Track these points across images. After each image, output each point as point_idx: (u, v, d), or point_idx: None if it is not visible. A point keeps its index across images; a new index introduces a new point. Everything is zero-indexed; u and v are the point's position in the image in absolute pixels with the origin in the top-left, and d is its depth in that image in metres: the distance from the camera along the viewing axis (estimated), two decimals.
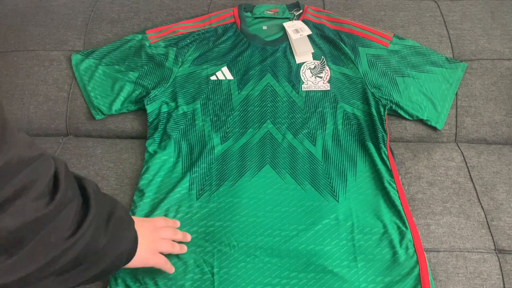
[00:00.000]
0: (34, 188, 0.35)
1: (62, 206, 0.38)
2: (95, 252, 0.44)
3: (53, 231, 0.37)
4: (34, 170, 0.35)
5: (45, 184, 0.36)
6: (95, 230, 0.43)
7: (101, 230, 0.45)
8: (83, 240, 0.41)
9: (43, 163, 0.37)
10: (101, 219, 0.45)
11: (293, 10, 0.94)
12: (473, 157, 0.80)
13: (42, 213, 0.35)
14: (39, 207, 0.35)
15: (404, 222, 0.68)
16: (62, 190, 0.38)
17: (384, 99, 0.82)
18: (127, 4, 1.01)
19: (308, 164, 0.75)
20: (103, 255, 0.46)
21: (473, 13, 0.95)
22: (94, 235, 0.43)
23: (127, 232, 0.52)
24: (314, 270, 0.63)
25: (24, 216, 0.34)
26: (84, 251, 0.42)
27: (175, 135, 0.79)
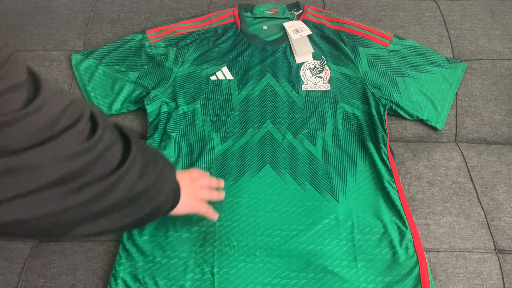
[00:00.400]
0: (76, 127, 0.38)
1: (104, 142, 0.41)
2: (143, 190, 0.46)
3: (100, 166, 0.40)
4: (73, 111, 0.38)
5: (85, 123, 0.39)
6: (141, 167, 0.46)
7: (146, 168, 0.47)
8: (130, 175, 0.43)
9: (80, 105, 0.40)
10: (144, 157, 0.47)
11: (293, 10, 0.94)
12: (473, 157, 0.80)
13: (87, 145, 0.38)
14: (84, 140, 0.38)
15: (404, 222, 0.68)
16: (101, 129, 0.40)
17: (384, 99, 0.82)
18: (127, 4, 1.01)
19: (308, 164, 0.75)
20: (150, 193, 0.48)
21: (473, 13, 0.96)
22: (140, 172, 0.45)
23: (170, 173, 0.55)
24: (314, 270, 0.63)
25: (72, 147, 0.37)
26: (132, 188, 0.44)
27: (175, 135, 0.79)
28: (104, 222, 0.43)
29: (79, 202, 0.38)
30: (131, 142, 0.45)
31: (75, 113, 0.39)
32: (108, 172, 0.41)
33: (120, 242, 0.68)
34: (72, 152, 0.37)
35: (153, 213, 0.51)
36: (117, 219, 0.45)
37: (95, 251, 0.69)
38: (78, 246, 0.70)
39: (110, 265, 0.67)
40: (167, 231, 0.68)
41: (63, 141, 0.36)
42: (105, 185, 0.40)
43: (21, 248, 0.71)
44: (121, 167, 0.42)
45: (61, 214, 0.37)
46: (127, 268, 0.65)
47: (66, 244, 0.71)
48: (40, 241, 0.72)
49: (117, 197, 0.42)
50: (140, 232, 0.68)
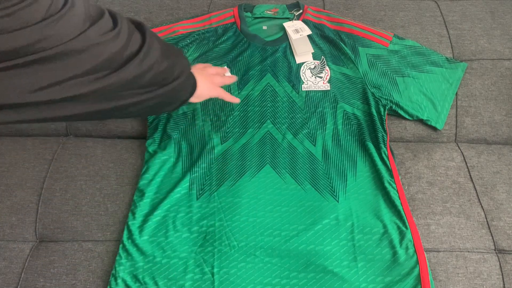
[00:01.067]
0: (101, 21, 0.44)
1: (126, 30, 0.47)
2: (163, 72, 0.54)
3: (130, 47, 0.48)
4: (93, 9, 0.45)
5: (108, 17, 0.46)
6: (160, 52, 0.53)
7: (165, 50, 0.55)
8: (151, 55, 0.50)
9: (96, 5, 0.46)
10: (162, 47, 0.54)
11: (293, 10, 0.94)
12: (473, 157, 0.80)
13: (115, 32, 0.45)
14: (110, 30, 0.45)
15: (404, 222, 0.68)
16: (120, 20, 0.47)
17: (384, 99, 0.82)
18: (127, 4, 1.01)
19: (308, 164, 0.75)
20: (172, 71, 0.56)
21: (473, 13, 0.95)
22: (160, 56, 0.53)
23: (183, 59, 0.62)
24: (314, 270, 0.63)
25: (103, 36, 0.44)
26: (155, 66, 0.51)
27: (175, 135, 0.79)
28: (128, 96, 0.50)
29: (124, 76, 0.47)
30: (145, 31, 0.52)
31: (95, 11, 0.45)
32: (135, 52, 0.48)
33: (120, 242, 0.68)
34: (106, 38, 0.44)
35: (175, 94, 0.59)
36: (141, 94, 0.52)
37: (95, 251, 0.69)
38: (78, 246, 0.70)
39: (110, 265, 0.67)
40: (167, 231, 0.68)
41: (95, 30, 0.43)
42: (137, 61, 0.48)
43: (21, 248, 0.71)
44: (143, 46, 0.49)
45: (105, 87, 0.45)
46: (127, 268, 0.65)
47: (66, 244, 0.71)
48: (40, 241, 0.73)
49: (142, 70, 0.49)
50: (140, 232, 0.68)
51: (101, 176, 0.78)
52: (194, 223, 0.68)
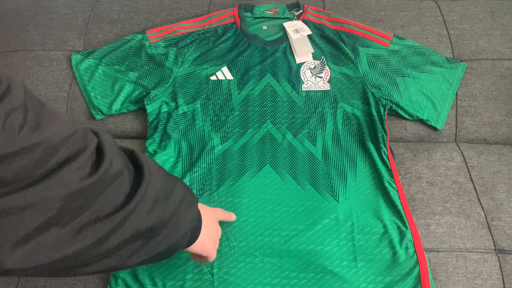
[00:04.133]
0: (77, 160, 0.34)
1: (109, 177, 0.37)
2: (156, 227, 0.41)
3: (104, 202, 0.36)
4: (75, 142, 0.35)
5: (89, 155, 0.35)
6: (152, 203, 0.40)
7: (159, 204, 0.42)
8: (137, 213, 0.39)
9: (84, 135, 0.36)
10: (158, 192, 0.42)
11: (293, 10, 0.94)
12: (473, 157, 0.80)
13: (88, 182, 0.34)
14: (84, 177, 0.35)
15: (404, 222, 0.68)
16: (107, 161, 0.37)
17: (384, 99, 0.82)
18: (127, 4, 1.01)
19: (308, 164, 0.75)
20: (166, 231, 0.43)
21: (473, 13, 0.95)
22: (151, 208, 0.40)
23: (190, 209, 0.48)
24: (314, 270, 0.63)
25: (70, 185, 0.33)
26: (141, 225, 0.39)
27: (175, 135, 0.79)
28: (109, 262, 0.39)
29: (81, 247, 0.35)
30: (143, 173, 0.41)
31: (76, 145, 0.35)
32: (111, 211, 0.37)
33: None
34: (70, 190, 0.33)
35: (166, 251, 0.45)
36: (124, 258, 0.40)
37: None
38: None
39: None
40: None
41: (61, 177, 0.33)
42: (109, 226, 0.36)
43: None
44: (127, 204, 0.38)
45: (60, 261, 0.34)
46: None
47: None
48: None
49: (123, 237, 0.38)
50: None
51: None
52: None
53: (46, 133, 0.32)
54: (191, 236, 0.50)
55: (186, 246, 0.50)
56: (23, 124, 0.31)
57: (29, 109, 0.32)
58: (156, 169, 0.45)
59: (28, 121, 0.31)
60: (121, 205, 0.37)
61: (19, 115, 0.31)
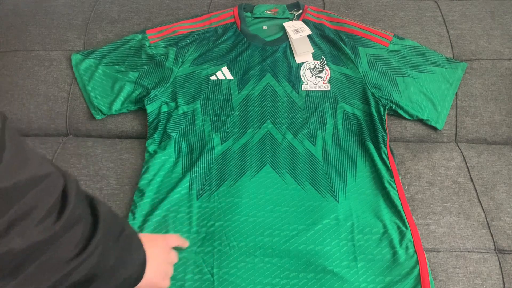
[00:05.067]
0: (41, 208, 0.34)
1: (69, 225, 0.37)
2: (103, 274, 0.43)
3: (59, 252, 0.37)
4: (43, 189, 0.34)
5: (52, 203, 0.35)
6: (102, 251, 0.42)
7: (109, 252, 0.44)
8: (90, 260, 0.40)
9: (53, 181, 0.36)
10: (109, 240, 0.44)
11: (293, 10, 0.94)
12: (473, 157, 0.80)
13: (48, 234, 0.35)
14: (46, 228, 0.35)
15: (404, 222, 0.68)
16: (70, 209, 0.37)
17: (384, 99, 0.82)
18: (127, 4, 1.01)
19: (308, 164, 0.75)
20: (110, 277, 0.44)
21: (473, 13, 0.95)
22: (102, 256, 0.42)
23: (135, 254, 0.50)
24: (314, 270, 0.63)
25: (30, 238, 0.33)
26: (91, 272, 0.40)
27: (175, 135, 0.79)
28: None
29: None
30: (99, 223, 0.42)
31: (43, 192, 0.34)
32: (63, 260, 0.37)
33: None
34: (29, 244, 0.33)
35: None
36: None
37: None
38: None
39: None
40: (167, 231, 0.68)
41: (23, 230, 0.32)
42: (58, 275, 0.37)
43: None
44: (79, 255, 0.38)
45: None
46: None
47: None
48: None
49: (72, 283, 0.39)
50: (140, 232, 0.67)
51: (101, 176, 0.78)
52: (194, 223, 0.68)
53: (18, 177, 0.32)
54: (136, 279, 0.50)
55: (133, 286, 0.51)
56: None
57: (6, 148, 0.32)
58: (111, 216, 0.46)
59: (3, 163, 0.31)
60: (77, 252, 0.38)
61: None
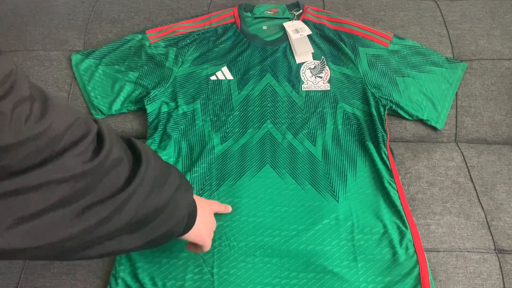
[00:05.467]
0: (79, 146, 0.36)
1: (109, 161, 0.39)
2: (155, 210, 0.43)
3: (106, 185, 0.38)
4: (76, 129, 0.37)
5: (89, 142, 0.37)
6: (151, 187, 0.43)
7: (157, 188, 0.44)
8: (139, 193, 0.41)
9: (85, 122, 0.38)
10: (156, 176, 0.44)
11: (293, 10, 0.94)
12: (473, 157, 0.80)
13: (89, 166, 0.36)
14: (86, 161, 0.36)
15: (404, 222, 0.68)
16: (107, 147, 0.39)
17: (384, 99, 0.82)
18: (127, 4, 1.01)
19: (308, 164, 0.75)
20: (164, 215, 0.45)
21: (473, 13, 0.95)
22: (150, 192, 0.42)
23: (186, 195, 0.50)
24: (314, 270, 0.63)
25: (73, 169, 0.35)
26: (143, 207, 0.41)
27: (175, 135, 0.79)
28: (111, 244, 0.41)
29: (84, 226, 0.36)
30: (141, 159, 0.43)
31: (78, 131, 0.37)
32: (113, 193, 0.39)
33: None
34: (74, 173, 0.35)
35: (164, 236, 0.47)
36: (125, 241, 0.42)
37: None
38: None
39: (110, 265, 0.67)
40: None
41: (64, 161, 0.35)
42: (111, 207, 0.38)
43: None
44: (128, 186, 0.40)
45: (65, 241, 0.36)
46: (127, 268, 0.65)
47: None
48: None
49: (125, 219, 0.40)
50: None
51: None
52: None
53: (50, 122, 0.34)
54: (188, 222, 0.51)
55: (183, 233, 0.52)
56: (29, 114, 0.33)
57: (35, 99, 0.35)
58: (153, 155, 0.47)
59: (33, 112, 0.33)
60: (121, 188, 0.39)
61: (25, 106, 0.33)
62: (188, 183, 0.53)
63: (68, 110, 0.38)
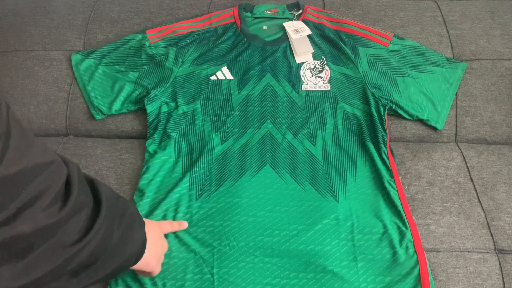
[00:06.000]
0: (47, 195, 0.35)
1: (74, 211, 0.38)
2: (106, 253, 0.44)
3: (65, 235, 0.38)
4: (48, 176, 0.35)
5: (58, 191, 0.36)
6: (106, 231, 0.43)
7: (112, 231, 0.45)
8: (94, 241, 0.41)
9: (57, 169, 0.37)
10: (112, 220, 0.45)
11: (293, 10, 0.94)
12: (473, 157, 0.80)
13: (54, 219, 0.35)
14: (52, 214, 0.35)
15: (404, 222, 0.68)
16: (75, 196, 0.38)
17: (384, 99, 0.82)
18: (127, 4, 1.01)
19: (308, 164, 0.75)
20: (113, 256, 0.46)
21: (473, 13, 0.95)
22: (105, 236, 0.43)
23: (137, 233, 0.51)
24: (314, 270, 0.63)
25: (36, 223, 0.34)
26: (95, 252, 0.41)
27: (175, 135, 0.79)
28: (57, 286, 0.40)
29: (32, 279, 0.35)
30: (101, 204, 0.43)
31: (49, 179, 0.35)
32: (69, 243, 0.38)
33: None
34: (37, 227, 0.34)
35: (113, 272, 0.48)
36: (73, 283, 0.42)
37: None
38: None
39: None
40: None
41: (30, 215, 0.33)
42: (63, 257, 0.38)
43: None
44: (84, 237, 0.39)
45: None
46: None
47: None
48: None
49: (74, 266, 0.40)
50: None
51: (101, 176, 0.78)
52: (193, 223, 0.68)
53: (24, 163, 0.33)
54: (137, 256, 0.52)
55: (133, 264, 0.53)
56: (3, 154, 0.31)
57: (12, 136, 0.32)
58: (113, 197, 0.47)
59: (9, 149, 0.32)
60: (78, 238, 0.39)
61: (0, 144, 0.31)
62: (141, 218, 0.54)
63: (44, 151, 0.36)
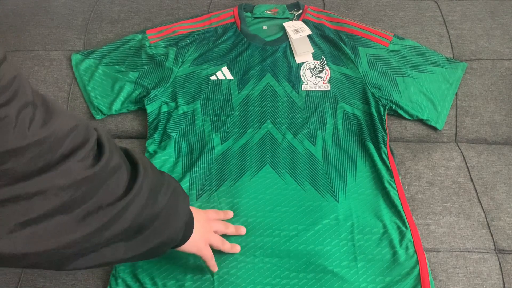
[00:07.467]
0: (81, 151, 0.37)
1: (109, 168, 0.39)
2: (151, 220, 0.44)
3: (107, 193, 0.39)
4: (78, 135, 0.37)
5: (90, 148, 0.38)
6: (149, 194, 0.43)
7: (156, 198, 0.45)
8: (138, 201, 0.41)
9: (86, 129, 0.39)
10: (152, 185, 0.45)
11: (293, 10, 0.94)
12: (473, 157, 0.80)
13: (91, 172, 0.37)
14: (87, 167, 0.37)
15: (404, 222, 0.68)
16: (107, 154, 0.39)
17: (384, 99, 0.82)
18: (127, 4, 1.01)
19: (308, 164, 0.75)
20: (159, 226, 0.45)
21: (473, 13, 0.95)
22: (148, 200, 0.43)
23: (181, 206, 0.50)
24: (314, 270, 0.63)
25: (75, 174, 0.36)
26: (140, 216, 0.42)
27: (175, 135, 0.79)
28: (106, 254, 0.41)
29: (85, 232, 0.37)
30: (139, 168, 0.43)
31: (79, 137, 0.37)
32: (112, 200, 0.39)
33: None
34: (76, 179, 0.36)
35: (161, 245, 0.47)
36: (121, 250, 0.42)
37: None
38: None
39: None
40: None
41: (67, 167, 0.35)
42: (111, 213, 0.39)
43: None
44: (127, 194, 0.40)
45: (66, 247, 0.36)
46: (127, 268, 0.65)
47: None
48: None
49: (122, 226, 0.40)
50: None
51: None
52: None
53: (53, 127, 0.35)
54: (185, 232, 0.51)
55: (179, 244, 0.52)
56: (32, 120, 0.33)
57: (37, 105, 0.35)
58: (150, 165, 0.47)
59: (36, 117, 0.34)
60: (121, 195, 0.40)
61: (29, 112, 0.33)
62: (184, 193, 0.53)
63: (69, 116, 0.38)
